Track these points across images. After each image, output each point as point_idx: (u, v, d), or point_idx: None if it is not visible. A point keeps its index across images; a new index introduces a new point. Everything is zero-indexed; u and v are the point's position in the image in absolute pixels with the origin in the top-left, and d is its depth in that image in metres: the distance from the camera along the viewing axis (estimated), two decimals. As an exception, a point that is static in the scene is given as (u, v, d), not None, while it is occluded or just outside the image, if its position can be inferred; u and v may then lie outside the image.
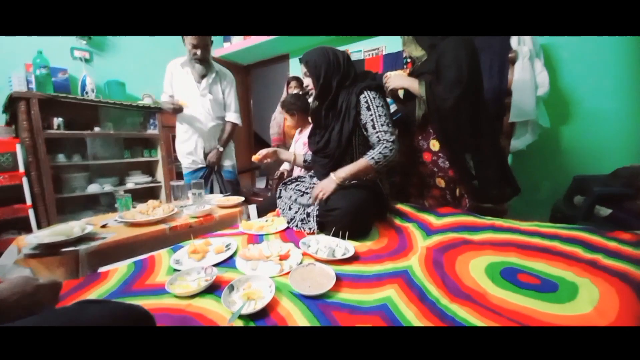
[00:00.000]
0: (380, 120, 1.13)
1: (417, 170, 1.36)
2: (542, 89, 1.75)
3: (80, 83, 2.44)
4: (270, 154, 1.53)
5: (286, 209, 1.32)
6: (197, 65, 1.73)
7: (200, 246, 0.91)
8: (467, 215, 1.15)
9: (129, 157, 2.70)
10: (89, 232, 1.04)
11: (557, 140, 2.02)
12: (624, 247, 0.83)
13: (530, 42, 1.79)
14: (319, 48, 1.27)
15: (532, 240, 0.93)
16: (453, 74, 1.10)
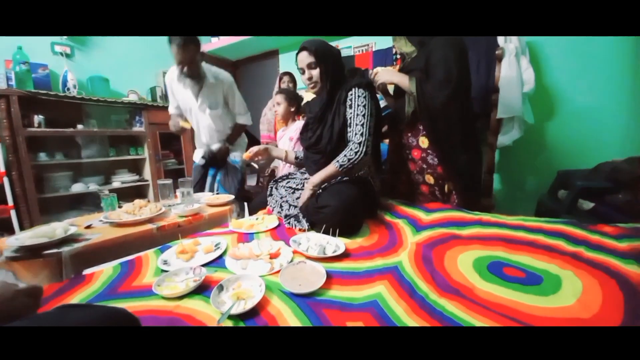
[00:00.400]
0: (356, 120, 1.12)
1: (406, 167, 1.37)
2: (528, 86, 1.78)
3: (62, 79, 2.36)
4: (262, 152, 1.51)
5: (277, 207, 1.32)
6: (188, 81, 1.64)
7: (189, 246, 0.89)
8: (456, 210, 1.16)
9: (115, 155, 2.63)
10: (73, 233, 1.01)
11: (542, 136, 2.07)
12: (606, 239, 0.85)
13: (516, 40, 1.82)
14: (321, 40, 1.22)
15: (518, 234, 0.95)
16: (442, 73, 1.11)
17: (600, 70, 1.85)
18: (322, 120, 1.27)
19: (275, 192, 1.40)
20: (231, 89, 1.78)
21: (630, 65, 1.77)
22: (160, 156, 2.85)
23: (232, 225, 1.12)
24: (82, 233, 1.06)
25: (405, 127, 1.31)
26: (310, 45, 1.19)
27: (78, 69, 2.51)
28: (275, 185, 1.44)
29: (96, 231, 1.08)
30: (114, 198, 1.31)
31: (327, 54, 1.20)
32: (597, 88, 1.88)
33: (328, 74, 1.20)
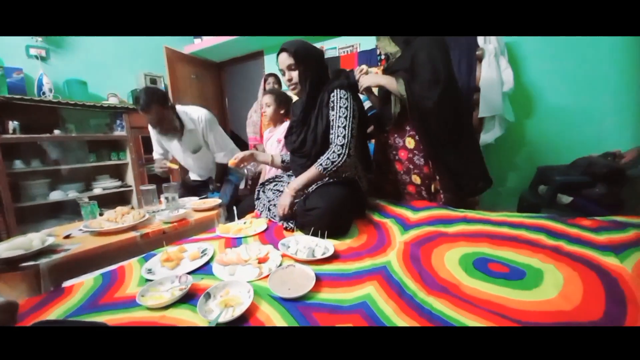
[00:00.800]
0: (338, 122, 1.11)
1: (393, 167, 1.38)
2: (507, 85, 1.83)
3: (37, 83, 2.26)
4: (247, 158, 1.48)
5: (265, 210, 1.31)
6: (165, 137, 1.65)
7: (174, 253, 0.87)
8: (442, 208, 1.18)
9: (95, 161, 2.55)
10: (51, 244, 0.97)
11: (522, 134, 2.13)
12: (585, 233, 0.89)
13: (495, 41, 1.87)
14: (302, 41, 1.20)
15: (501, 230, 0.98)
16: (430, 74, 1.12)
17: (575, 69, 1.93)
18: (306, 123, 1.25)
19: (262, 195, 1.39)
20: (208, 128, 1.74)
21: (604, 63, 1.85)
22: (143, 160, 2.77)
23: (219, 230, 1.10)
24: (61, 243, 1.02)
25: (392, 127, 1.32)
26: (290, 46, 1.17)
27: (54, 72, 2.41)
28: (263, 189, 1.42)
29: (76, 241, 1.04)
30: (94, 206, 1.26)
31: (307, 56, 1.18)
32: (572, 86, 1.96)
33: (308, 76, 1.18)
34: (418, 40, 1.19)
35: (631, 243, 0.80)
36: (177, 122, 1.65)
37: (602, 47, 1.84)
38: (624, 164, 1.45)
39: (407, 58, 1.20)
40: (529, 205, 1.76)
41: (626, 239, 0.83)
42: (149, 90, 1.51)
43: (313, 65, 1.19)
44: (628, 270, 0.68)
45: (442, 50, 1.16)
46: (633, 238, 0.82)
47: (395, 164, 1.37)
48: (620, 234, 0.86)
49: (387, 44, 1.29)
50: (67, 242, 1.04)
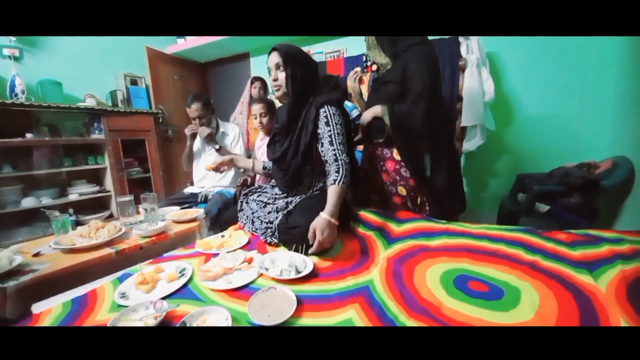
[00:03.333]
0: (339, 139, 1.10)
1: (379, 178, 1.38)
2: (488, 96, 1.88)
3: (9, 84, 2.14)
4: (226, 162, 1.47)
5: (249, 223, 1.28)
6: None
7: (150, 275, 0.84)
8: (425, 220, 1.19)
9: (71, 165, 2.43)
10: (19, 264, 0.91)
11: (502, 142, 2.19)
12: (560, 247, 0.92)
13: (477, 51, 1.91)
14: (297, 46, 1.19)
15: (481, 244, 1.00)
16: (419, 86, 1.13)
17: (554, 79, 2.00)
18: (289, 133, 1.23)
19: (245, 206, 1.36)
20: (238, 137, 2.07)
21: (582, 75, 1.92)
22: (123, 165, 2.67)
23: (199, 246, 1.07)
24: (29, 263, 0.96)
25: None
26: (282, 47, 1.15)
27: (28, 72, 2.28)
28: (246, 199, 1.40)
29: (45, 260, 0.99)
30: (67, 219, 1.20)
31: (296, 60, 1.15)
32: (550, 96, 2.03)
33: (294, 80, 1.15)
34: (409, 52, 1.19)
35: (604, 259, 0.83)
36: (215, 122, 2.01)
37: (579, 58, 1.92)
38: (598, 174, 1.51)
39: (397, 70, 1.20)
40: (509, 212, 1.81)
41: (599, 254, 0.86)
42: (198, 93, 1.99)
43: (301, 72, 1.16)
44: (602, 290, 0.71)
45: (431, 64, 1.16)
46: (606, 254, 0.85)
47: (382, 174, 1.37)
48: (594, 249, 0.89)
49: (378, 54, 1.29)
50: (37, 261, 0.98)
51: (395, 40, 1.21)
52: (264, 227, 1.17)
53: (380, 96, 1.28)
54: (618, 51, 1.67)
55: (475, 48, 1.94)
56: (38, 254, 1.03)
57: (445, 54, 2.05)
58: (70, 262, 0.98)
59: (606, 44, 1.76)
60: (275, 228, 1.12)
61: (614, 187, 1.42)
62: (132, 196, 1.37)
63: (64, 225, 1.18)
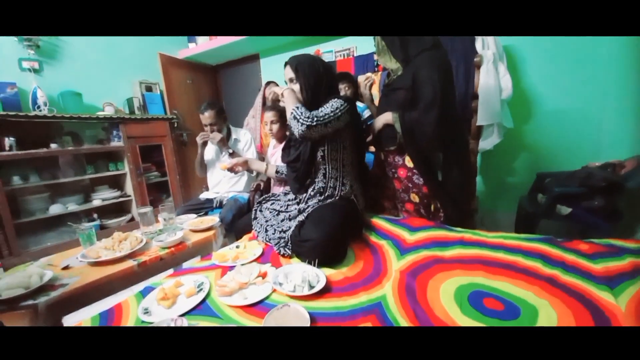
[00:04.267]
0: (323, 109, 1.12)
1: (391, 184, 1.37)
2: (506, 92, 1.81)
3: (31, 96, 2.25)
4: (241, 163, 1.53)
5: (262, 231, 1.30)
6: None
7: (170, 290, 0.87)
8: (439, 228, 1.18)
9: (93, 173, 2.54)
10: (50, 279, 0.97)
11: (520, 139, 2.11)
12: (581, 260, 0.89)
13: (493, 46, 1.84)
14: (308, 56, 1.24)
15: (497, 256, 0.98)
16: (430, 95, 1.10)
17: (574, 73, 1.90)
18: (302, 140, 1.26)
19: (259, 214, 1.38)
20: (247, 144, 2.08)
21: (603, 67, 1.81)
22: (141, 170, 2.77)
23: (215, 258, 1.10)
24: (59, 277, 1.02)
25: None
26: (293, 60, 1.22)
27: (48, 84, 2.39)
28: (260, 207, 1.42)
29: (74, 273, 1.05)
30: (92, 232, 1.26)
31: (307, 71, 1.19)
32: (571, 91, 1.93)
33: (307, 90, 1.19)
34: (419, 58, 1.16)
35: (626, 274, 0.80)
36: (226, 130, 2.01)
37: (601, 50, 1.81)
38: (624, 175, 1.44)
39: (408, 76, 1.18)
40: (528, 214, 1.75)
41: (622, 268, 0.83)
42: (211, 101, 1.99)
43: (313, 81, 1.20)
44: (622, 310, 0.68)
45: (443, 70, 1.13)
46: (628, 268, 0.82)
47: (393, 181, 1.36)
48: (616, 262, 0.86)
49: (388, 60, 1.26)
50: (65, 274, 1.04)
51: (406, 45, 1.18)
52: (277, 237, 1.19)
53: (391, 102, 1.26)
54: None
55: (491, 43, 1.86)
56: (67, 267, 1.10)
57: (459, 50, 1.98)
58: (96, 275, 1.03)
59: (631, 37, 1.66)
60: (288, 239, 1.14)
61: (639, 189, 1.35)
62: (151, 207, 1.41)
63: (90, 238, 1.24)
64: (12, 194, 2.10)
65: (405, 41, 1.17)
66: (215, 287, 0.90)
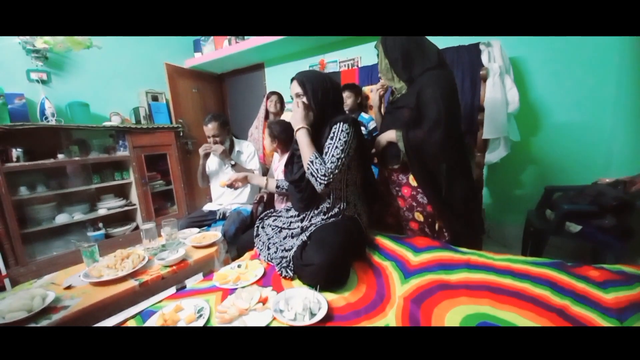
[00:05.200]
0: (334, 152, 1.09)
1: (395, 202, 1.35)
2: (513, 106, 1.78)
3: (39, 107, 2.28)
4: (241, 179, 1.53)
5: (264, 249, 1.29)
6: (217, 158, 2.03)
7: (170, 315, 0.86)
8: (444, 249, 1.15)
9: (99, 182, 2.57)
10: (52, 301, 0.97)
11: (528, 151, 2.08)
12: (592, 289, 0.86)
13: (500, 59, 1.82)
14: (315, 71, 1.23)
15: (505, 282, 0.95)
16: (434, 115, 1.08)
17: (584, 84, 1.86)
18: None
19: (261, 231, 1.38)
20: (250, 155, 2.09)
21: (615, 80, 1.78)
22: (146, 179, 2.79)
23: (216, 279, 1.09)
24: (61, 298, 1.02)
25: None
26: (300, 76, 1.21)
27: (56, 95, 2.42)
28: (262, 224, 1.41)
29: (76, 293, 1.05)
30: (95, 248, 1.26)
31: (315, 86, 1.18)
32: (580, 103, 1.89)
33: (316, 105, 1.18)
34: (424, 77, 1.15)
35: (636, 305, 0.77)
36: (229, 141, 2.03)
37: (612, 61, 1.77)
38: (635, 192, 1.39)
39: (412, 95, 1.16)
40: (536, 231, 1.72)
41: (632, 298, 0.80)
42: (215, 113, 2.00)
43: (318, 98, 1.19)
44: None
45: (447, 89, 1.12)
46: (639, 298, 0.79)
47: (397, 199, 1.34)
48: (627, 292, 0.83)
49: (391, 78, 1.25)
50: (68, 295, 1.04)
51: (410, 64, 1.16)
52: (280, 256, 1.18)
53: (395, 120, 1.25)
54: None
55: (497, 55, 1.84)
56: (70, 287, 1.10)
57: (464, 62, 1.96)
58: (98, 295, 1.03)
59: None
60: (290, 259, 1.12)
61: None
62: (154, 223, 1.41)
63: (92, 256, 1.24)
64: (20, 204, 2.12)
65: (410, 60, 1.16)
66: (215, 313, 0.89)
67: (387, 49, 1.20)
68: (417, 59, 1.16)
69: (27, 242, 2.14)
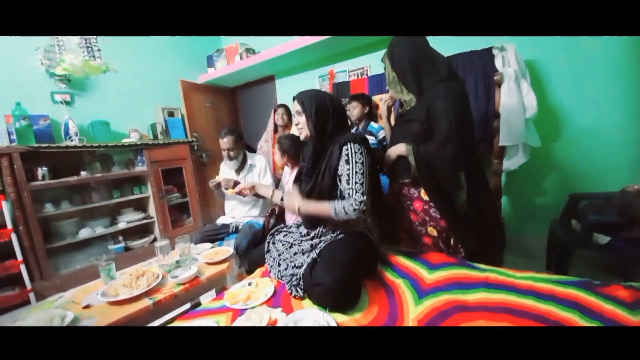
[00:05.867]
0: (356, 178, 1.09)
1: (407, 217, 1.32)
2: (530, 111, 1.71)
3: (63, 128, 2.40)
4: (248, 188, 1.60)
5: (275, 265, 1.28)
6: (229, 162, 2.04)
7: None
8: (461, 266, 1.11)
9: (119, 197, 2.67)
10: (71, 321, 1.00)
11: (549, 157, 1.98)
12: (620, 311, 0.80)
13: (515, 63, 1.76)
14: (314, 90, 1.25)
15: (527, 303, 0.89)
16: (445, 129, 1.06)
17: (607, 87, 1.76)
18: (314, 172, 1.24)
19: (272, 247, 1.37)
20: (263, 169, 2.10)
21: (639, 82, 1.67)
22: (163, 192, 2.87)
23: (227, 298, 1.09)
24: (79, 317, 1.05)
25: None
26: (300, 95, 1.23)
27: (79, 115, 2.55)
28: (273, 239, 1.41)
29: (93, 313, 1.08)
30: (112, 266, 1.30)
31: (312, 102, 1.19)
32: (603, 105, 1.79)
33: (313, 121, 1.18)
34: (434, 89, 1.12)
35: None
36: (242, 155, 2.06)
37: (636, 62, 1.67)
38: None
39: (421, 109, 1.14)
40: (561, 243, 1.62)
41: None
42: (231, 128, 2.02)
43: (320, 117, 1.19)
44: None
45: (457, 101, 1.08)
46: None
47: (409, 213, 1.30)
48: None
49: (400, 91, 1.23)
50: (86, 314, 1.07)
51: (419, 77, 1.14)
52: (290, 273, 1.17)
53: (405, 133, 1.22)
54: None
55: (512, 60, 1.78)
56: (88, 306, 1.13)
57: (477, 67, 1.91)
58: (113, 315, 1.05)
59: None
60: (300, 277, 1.11)
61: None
62: (168, 240, 1.44)
63: (110, 274, 1.28)
64: (45, 220, 2.23)
65: (418, 73, 1.13)
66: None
67: (394, 62, 1.18)
68: (426, 71, 1.13)
69: (51, 256, 2.23)
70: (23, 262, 2.05)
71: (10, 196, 2.01)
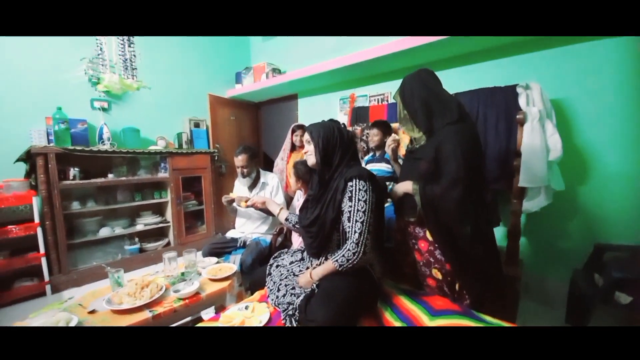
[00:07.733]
0: (356, 216, 1.08)
1: (412, 255, 1.28)
2: (554, 153, 1.63)
3: (98, 132, 2.58)
4: (260, 203, 1.67)
5: (275, 290, 1.28)
6: (243, 179, 2.10)
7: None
8: (464, 316, 1.05)
9: (140, 200, 2.79)
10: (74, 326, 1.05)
11: (574, 201, 1.87)
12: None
13: (540, 102, 1.70)
14: (324, 122, 1.27)
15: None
16: (450, 173, 1.04)
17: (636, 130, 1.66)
18: (320, 201, 1.24)
19: (274, 272, 1.37)
20: (275, 188, 2.13)
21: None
22: (181, 199, 2.98)
23: (222, 320, 1.09)
24: (83, 322, 1.09)
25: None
26: (310, 126, 1.27)
27: (113, 121, 2.74)
28: (275, 263, 1.42)
29: (96, 319, 1.12)
30: (121, 274, 1.35)
31: (323, 136, 1.20)
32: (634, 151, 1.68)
33: (320, 153, 1.20)
34: (444, 131, 1.10)
35: None
36: (256, 173, 2.11)
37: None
38: None
39: (431, 148, 1.12)
40: (582, 296, 1.51)
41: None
42: (246, 146, 2.07)
43: (326, 147, 1.21)
44: None
45: (468, 146, 1.06)
46: None
47: (414, 252, 1.27)
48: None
49: (410, 128, 1.22)
50: (89, 320, 1.11)
51: (429, 116, 1.13)
52: (287, 301, 1.16)
53: (413, 170, 1.20)
54: None
55: (537, 98, 1.73)
56: (93, 311, 1.18)
57: (500, 103, 1.87)
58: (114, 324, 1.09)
59: None
60: (296, 307, 1.10)
61: None
62: (176, 253, 1.48)
63: (117, 281, 1.33)
64: (70, 217, 2.37)
65: (429, 112, 1.13)
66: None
67: (406, 100, 1.19)
68: (436, 111, 1.12)
69: (70, 252, 2.36)
70: (44, 256, 2.17)
71: (41, 192, 2.16)
